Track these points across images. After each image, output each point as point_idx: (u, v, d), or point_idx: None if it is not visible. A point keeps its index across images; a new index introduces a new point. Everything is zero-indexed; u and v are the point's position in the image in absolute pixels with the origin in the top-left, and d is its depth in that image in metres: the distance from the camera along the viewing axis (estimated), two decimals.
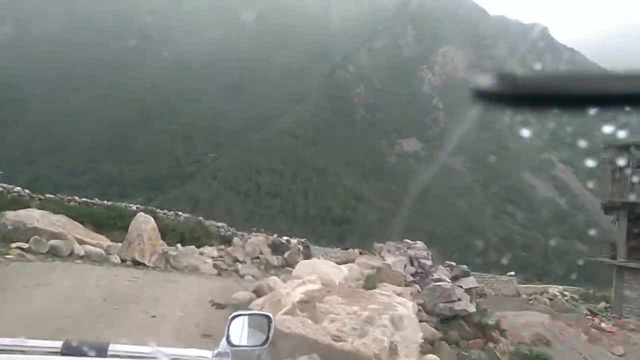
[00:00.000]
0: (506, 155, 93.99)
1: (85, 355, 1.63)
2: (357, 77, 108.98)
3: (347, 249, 28.09)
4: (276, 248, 20.78)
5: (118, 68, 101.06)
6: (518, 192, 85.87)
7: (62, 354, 1.62)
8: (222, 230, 22.28)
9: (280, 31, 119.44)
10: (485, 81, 0.50)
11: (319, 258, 24.77)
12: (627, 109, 0.53)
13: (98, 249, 12.79)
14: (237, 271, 15.24)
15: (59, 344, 1.65)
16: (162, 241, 14.02)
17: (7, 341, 1.61)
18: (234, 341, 1.77)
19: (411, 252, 12.79)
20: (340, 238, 51.07)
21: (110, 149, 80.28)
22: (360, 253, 16.39)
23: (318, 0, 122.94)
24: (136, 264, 12.52)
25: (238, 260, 17.10)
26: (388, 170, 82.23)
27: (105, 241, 14.11)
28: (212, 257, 16.08)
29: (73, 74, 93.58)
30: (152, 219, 13.68)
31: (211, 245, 18.38)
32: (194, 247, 16.16)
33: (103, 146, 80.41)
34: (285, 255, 19.98)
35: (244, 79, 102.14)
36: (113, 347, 1.69)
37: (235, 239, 20.34)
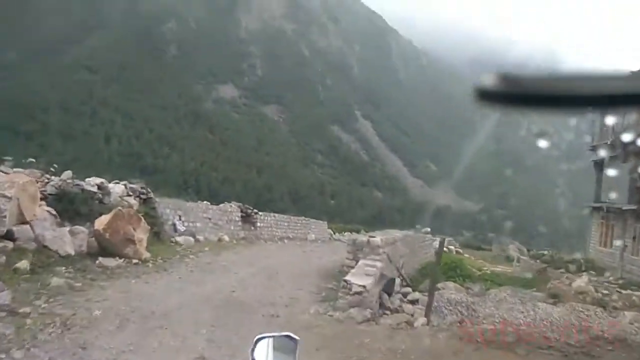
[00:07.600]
0: (317, 109, 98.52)
1: None
2: (167, 10, 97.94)
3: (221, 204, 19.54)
4: (66, 199, 10.43)
5: None
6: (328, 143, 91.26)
7: None
8: None
9: None
10: (488, 81, 0.51)
11: (180, 226, 14.15)
12: (628, 109, 0.55)
13: None
14: None
15: None
16: None
17: None
18: None
19: None
20: (153, 189, 46.05)
21: None
22: None
23: None
24: None
25: None
26: (204, 117, 77.50)
27: None
28: None
29: None
30: None
31: None
32: None
33: None
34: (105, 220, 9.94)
35: None
36: None
37: None
